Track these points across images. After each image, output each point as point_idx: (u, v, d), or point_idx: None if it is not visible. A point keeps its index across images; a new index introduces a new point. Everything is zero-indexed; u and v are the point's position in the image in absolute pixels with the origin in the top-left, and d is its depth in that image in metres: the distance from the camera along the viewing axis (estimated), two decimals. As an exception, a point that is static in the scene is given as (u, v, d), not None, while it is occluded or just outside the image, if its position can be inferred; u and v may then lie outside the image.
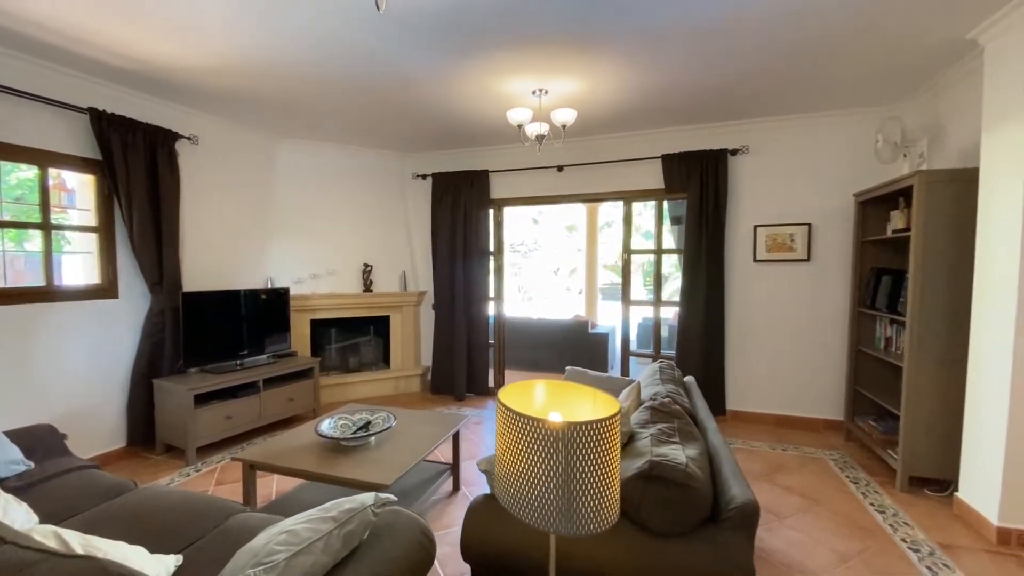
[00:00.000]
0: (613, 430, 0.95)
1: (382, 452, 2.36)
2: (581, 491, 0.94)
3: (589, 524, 0.95)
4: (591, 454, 0.94)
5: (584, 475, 0.94)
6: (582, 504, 0.94)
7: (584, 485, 0.94)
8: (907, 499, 2.77)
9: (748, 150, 3.96)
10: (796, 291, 3.92)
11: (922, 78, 3.08)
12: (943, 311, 2.71)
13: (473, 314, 4.78)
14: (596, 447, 0.94)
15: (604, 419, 0.94)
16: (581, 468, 0.94)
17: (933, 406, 2.75)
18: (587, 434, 0.94)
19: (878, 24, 2.42)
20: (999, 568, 2.16)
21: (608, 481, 0.95)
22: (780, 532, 2.46)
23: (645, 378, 2.59)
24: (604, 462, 0.95)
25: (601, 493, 0.95)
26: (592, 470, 0.94)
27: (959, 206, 2.62)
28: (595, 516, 0.95)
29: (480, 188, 4.70)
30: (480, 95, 3.36)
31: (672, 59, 2.81)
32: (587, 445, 0.94)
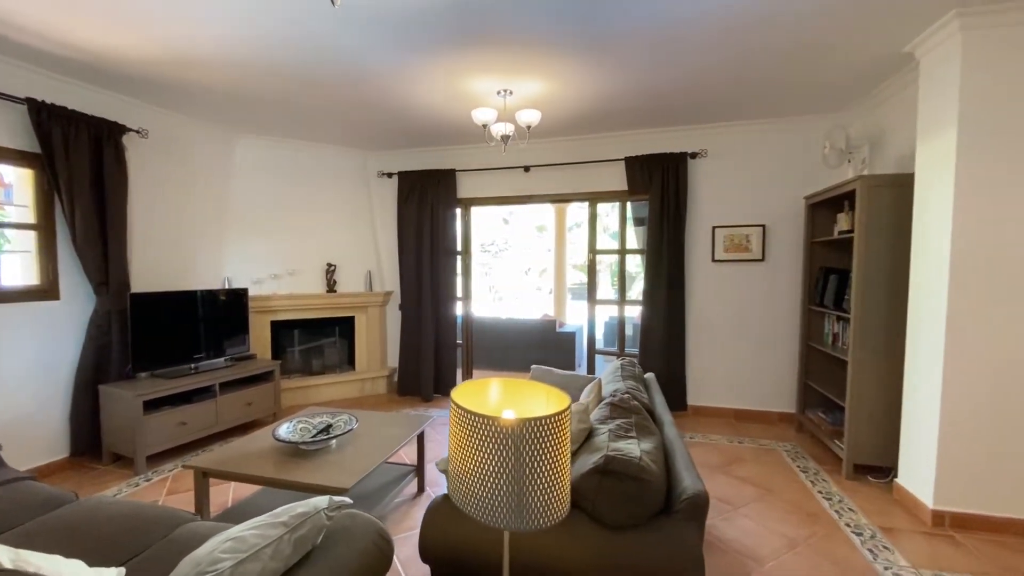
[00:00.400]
0: (563, 425, 0.97)
1: (343, 455, 2.32)
2: (532, 486, 0.95)
3: (540, 518, 0.96)
4: (542, 449, 0.96)
5: (536, 470, 0.95)
6: (533, 499, 0.95)
7: (535, 480, 0.95)
8: (852, 486, 2.93)
9: (707, 154, 4.09)
10: (752, 290, 4.08)
11: (865, 88, 3.26)
12: (883, 308, 2.88)
13: (441, 314, 4.75)
14: (547, 442, 0.96)
15: (554, 414, 0.95)
16: (533, 463, 0.95)
17: (875, 398, 2.92)
18: (539, 429, 0.95)
19: (822, 38, 2.54)
20: (933, 548, 2.31)
21: (559, 475, 0.97)
22: (735, 521, 2.55)
23: (607, 375, 2.64)
24: (555, 456, 0.97)
25: (552, 487, 0.97)
26: (543, 465, 0.96)
27: (897, 209, 2.79)
28: (546, 510, 0.97)
29: (447, 187, 4.68)
30: (445, 94, 3.34)
31: (632, 64, 2.88)
32: (539, 440, 0.95)
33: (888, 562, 2.20)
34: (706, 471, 3.17)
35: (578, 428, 1.75)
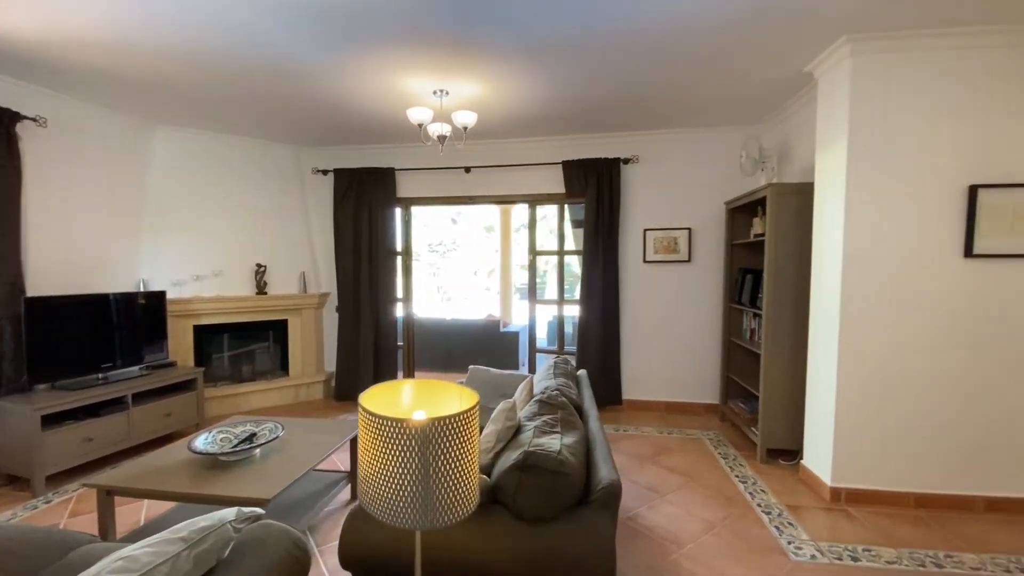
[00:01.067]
0: (471, 422, 1.00)
1: (267, 465, 2.23)
2: (441, 483, 0.97)
3: (450, 514, 0.98)
4: (451, 446, 0.98)
5: (445, 467, 0.98)
6: (442, 496, 0.97)
7: (445, 477, 0.97)
8: (765, 469, 3.18)
9: (638, 160, 4.28)
10: (680, 289, 4.32)
11: (776, 103, 3.55)
12: (790, 306, 3.14)
13: (381, 316, 4.66)
14: (455, 439, 0.98)
15: (461, 412, 0.98)
16: (442, 460, 0.97)
17: (784, 388, 3.19)
18: (447, 427, 0.97)
19: (734, 56, 2.74)
20: (831, 522, 2.56)
21: (467, 470, 1.00)
22: (660, 508, 2.70)
23: (540, 373, 2.71)
24: (463, 452, 0.99)
25: (460, 483, 0.99)
26: (452, 461, 0.98)
27: (801, 215, 3.06)
28: (455, 506, 0.99)
29: (386, 186, 4.60)
30: (379, 92, 3.29)
31: (565, 72, 2.97)
32: (447, 438, 0.97)
33: (792, 537, 2.41)
34: (636, 461, 3.32)
35: (505, 426, 1.79)
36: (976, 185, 2.48)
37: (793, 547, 2.32)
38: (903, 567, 2.17)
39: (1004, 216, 2.46)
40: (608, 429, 3.97)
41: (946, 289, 2.56)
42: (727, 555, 2.26)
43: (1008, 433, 2.57)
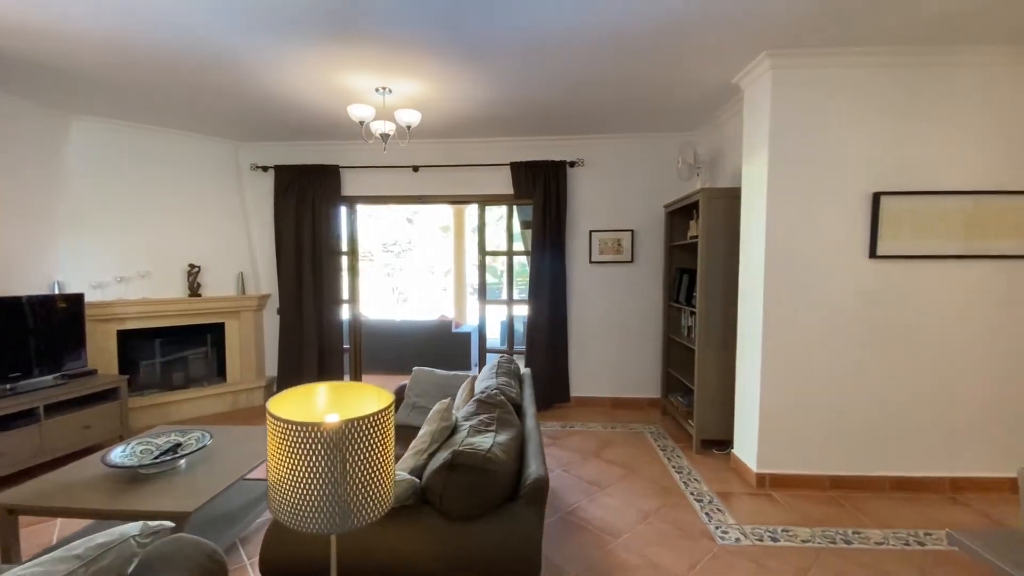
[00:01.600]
0: (385, 422, 1.00)
1: (192, 476, 2.12)
2: (355, 485, 0.97)
3: (365, 515, 0.98)
4: (365, 447, 0.98)
5: (359, 469, 0.97)
6: (357, 498, 0.97)
7: (359, 479, 0.97)
8: (700, 459, 3.35)
9: (584, 163, 4.39)
10: (624, 288, 4.47)
11: (709, 112, 3.74)
12: (721, 304, 3.33)
13: (325, 318, 4.52)
14: (370, 440, 0.98)
15: (375, 413, 0.98)
16: (356, 463, 0.97)
17: (716, 381, 3.37)
18: (361, 429, 0.97)
19: (665, 65, 2.87)
20: (756, 506, 2.73)
21: (382, 470, 1.00)
22: (600, 500, 2.79)
23: (484, 373, 2.73)
24: (378, 453, 0.99)
25: (375, 483, 0.99)
26: (367, 462, 0.98)
27: (730, 218, 3.24)
28: (371, 506, 0.99)
29: (331, 184, 4.47)
30: (320, 87, 3.20)
31: (509, 75, 3.00)
32: (362, 440, 0.97)
33: (719, 522, 2.55)
34: (581, 456, 3.41)
35: (440, 427, 1.80)
36: (879, 192, 2.72)
37: (720, 531, 2.45)
38: (816, 544, 2.35)
39: (903, 221, 2.72)
40: (555, 426, 4.05)
41: (854, 287, 2.79)
42: (659, 542, 2.36)
43: (911, 418, 2.84)
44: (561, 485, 2.99)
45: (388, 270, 14.94)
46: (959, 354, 2.79)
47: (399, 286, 15.07)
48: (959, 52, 2.62)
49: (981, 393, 2.81)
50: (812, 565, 2.19)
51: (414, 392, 2.91)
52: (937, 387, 2.81)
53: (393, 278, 14.99)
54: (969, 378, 2.80)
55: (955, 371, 2.80)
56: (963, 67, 2.66)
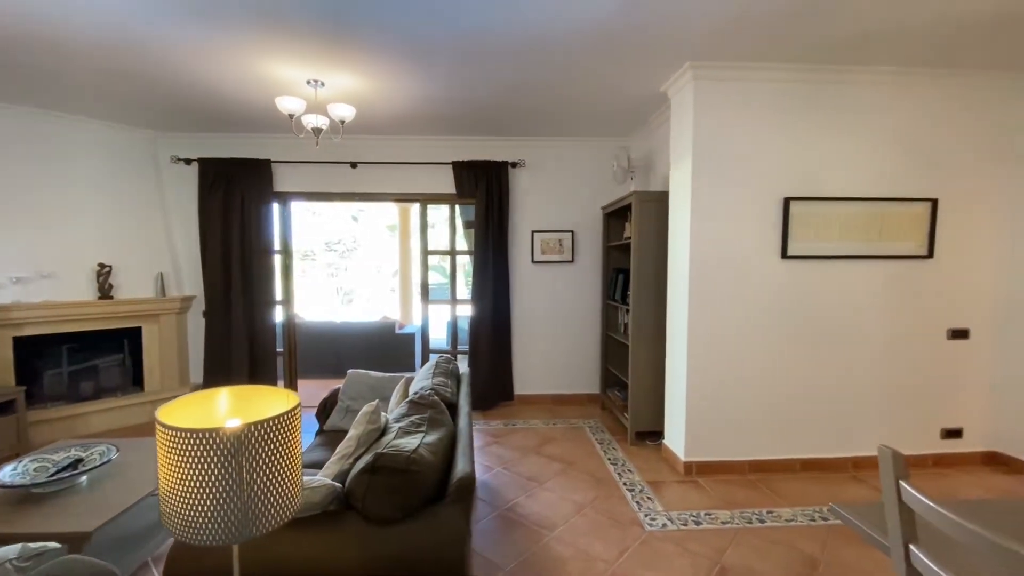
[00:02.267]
0: (291, 424, 0.97)
1: (95, 494, 1.96)
2: (258, 491, 0.93)
3: (266, 522, 0.95)
4: (268, 451, 0.94)
5: (262, 474, 0.94)
6: (260, 504, 0.94)
7: (262, 484, 0.94)
8: (634, 451, 3.49)
9: (525, 164, 4.45)
10: (565, 288, 4.58)
11: (641, 118, 3.90)
12: (652, 301, 3.48)
13: (256, 320, 4.30)
14: (273, 444, 0.95)
15: (278, 416, 0.95)
16: (258, 468, 0.93)
17: (649, 376, 3.52)
18: (264, 433, 0.94)
19: (596, 71, 2.96)
20: (683, 492, 2.88)
21: (287, 475, 0.97)
22: (537, 495, 2.84)
23: (421, 373, 2.70)
24: (282, 457, 0.96)
25: (280, 488, 0.96)
26: (270, 466, 0.95)
27: (660, 220, 3.40)
28: (274, 513, 0.96)
29: (262, 179, 4.25)
30: (248, 76, 3.04)
31: (440, 72, 2.98)
32: (264, 443, 0.94)
33: (649, 510, 2.67)
34: (521, 453, 3.45)
35: (368, 429, 1.76)
36: (789, 198, 2.95)
37: (648, 519, 2.57)
38: (735, 525, 2.52)
39: (809, 224, 2.97)
40: (499, 424, 4.08)
41: (768, 285, 3.01)
42: (592, 533, 2.44)
43: (817, 404, 3.10)
44: (500, 482, 3.01)
45: (332, 270, 14.39)
46: (858, 346, 3.09)
47: (344, 286, 14.56)
48: (854, 71, 2.90)
49: (876, 380, 3.12)
50: (730, 545, 2.34)
51: (348, 395, 2.84)
52: (839, 376, 3.10)
53: (337, 278, 14.46)
54: (866, 367, 3.10)
55: (854, 361, 3.09)
56: (857, 85, 2.94)
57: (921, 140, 3.01)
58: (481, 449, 3.54)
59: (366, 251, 14.74)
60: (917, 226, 3.02)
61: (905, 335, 3.10)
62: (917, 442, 3.17)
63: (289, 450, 0.97)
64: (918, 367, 3.12)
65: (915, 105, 2.99)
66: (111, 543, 2.08)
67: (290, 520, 1.37)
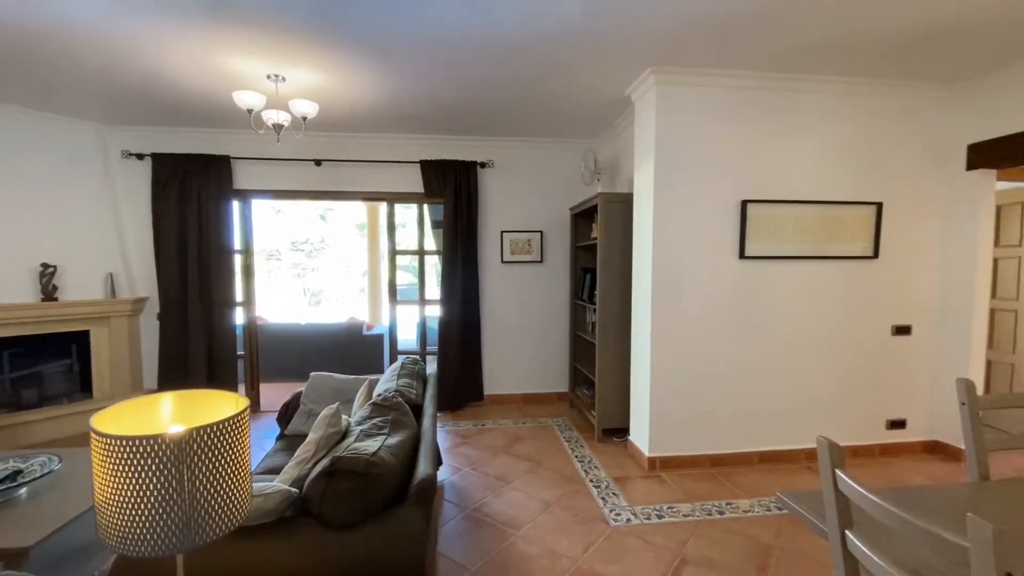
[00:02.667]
0: (239, 428, 0.95)
1: (35, 507, 1.85)
2: (202, 499, 0.90)
3: (212, 530, 0.92)
4: (212, 458, 0.92)
5: (206, 481, 0.91)
6: (203, 512, 0.91)
7: (206, 491, 0.91)
8: (601, 447, 3.54)
9: (494, 164, 4.45)
10: (534, 288, 4.61)
11: (608, 121, 3.96)
12: (618, 301, 3.55)
13: (215, 323, 4.14)
14: (218, 449, 0.92)
15: (222, 420, 0.92)
16: (202, 474, 0.90)
17: (615, 373, 3.58)
18: (209, 438, 0.91)
19: (562, 74, 3.00)
20: (647, 487, 2.94)
21: (234, 480, 0.95)
22: (505, 495, 2.85)
23: (386, 375, 2.67)
24: (228, 462, 0.94)
25: (225, 495, 0.93)
26: (215, 473, 0.92)
27: (625, 221, 3.47)
28: (220, 520, 0.93)
29: (220, 176, 4.10)
30: (205, 69, 2.93)
31: (407, 71, 2.95)
32: (210, 449, 0.91)
33: (614, 505, 2.72)
34: (490, 453, 3.45)
35: (327, 433, 1.73)
36: (746, 200, 3.06)
37: (613, 514, 2.62)
38: (695, 517, 2.59)
39: (765, 226, 3.08)
40: (468, 425, 4.07)
41: (727, 284, 3.11)
42: (558, 530, 2.47)
43: (773, 398, 3.22)
44: (468, 483, 3.01)
45: (299, 270, 14.00)
46: (811, 342, 3.23)
47: (312, 287, 14.19)
48: (806, 80, 3.03)
49: (827, 375, 3.27)
50: (690, 537, 2.41)
51: (311, 399, 2.77)
52: (794, 371, 3.23)
53: (305, 279, 14.08)
54: (818, 362, 3.25)
55: (807, 357, 3.23)
56: (809, 93, 3.08)
57: (866, 146, 3.17)
58: (450, 450, 3.52)
59: (335, 251, 14.41)
60: (864, 228, 3.18)
61: (853, 332, 3.26)
62: (865, 433, 3.34)
63: (236, 455, 0.95)
64: (865, 362, 3.29)
65: (861, 113, 3.15)
66: (52, 559, 1.96)
67: (243, 528, 1.34)
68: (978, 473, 1.52)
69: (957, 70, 2.96)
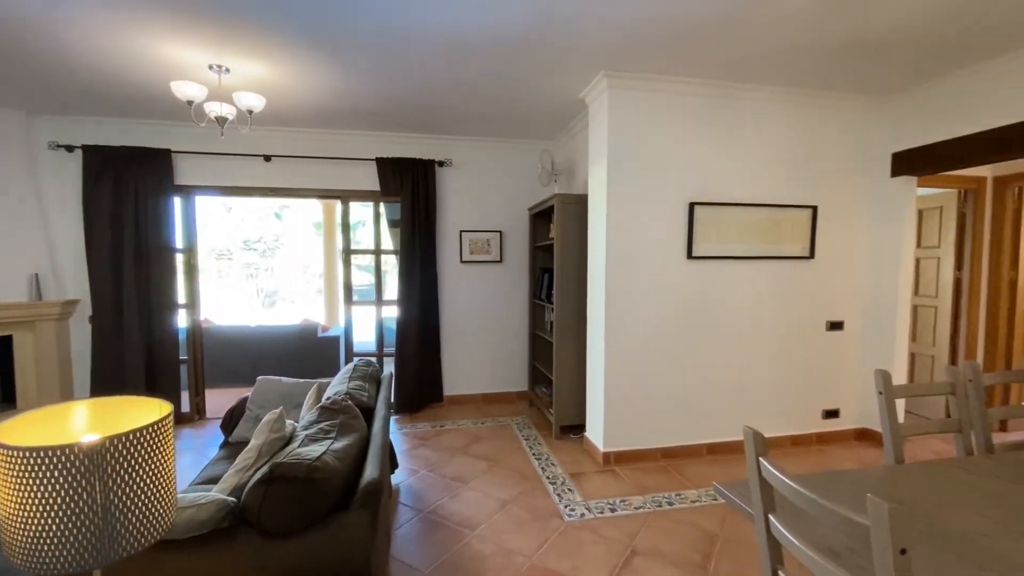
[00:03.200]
0: (162, 434, 0.90)
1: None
2: (119, 510, 0.86)
3: (131, 543, 0.87)
4: (131, 467, 0.87)
5: (123, 492, 0.86)
6: (120, 525, 0.86)
7: (122, 502, 0.86)
8: (558, 445, 3.59)
9: (452, 163, 4.43)
10: (494, 287, 4.62)
11: (564, 123, 4.02)
12: (574, 300, 3.61)
13: (156, 326, 3.91)
14: (136, 459, 0.88)
15: (140, 428, 0.88)
16: (118, 485, 0.86)
17: (572, 371, 3.64)
18: (128, 446, 0.86)
19: (517, 76, 3.02)
20: (601, 482, 3.01)
21: (156, 491, 0.90)
22: (462, 495, 2.84)
23: (337, 378, 2.61)
24: (149, 472, 0.89)
25: (145, 506, 0.89)
26: (133, 483, 0.87)
27: (581, 222, 3.53)
28: (141, 532, 0.88)
29: (161, 170, 3.87)
30: (141, 56, 2.75)
31: (358, 67, 2.89)
32: (126, 459, 0.86)
33: (569, 501, 2.76)
34: (448, 454, 3.43)
35: (270, 439, 1.67)
36: (694, 202, 3.18)
37: (568, 510, 2.66)
38: (646, 509, 2.67)
39: (711, 227, 3.22)
40: (426, 426, 4.03)
41: (676, 284, 3.23)
42: (513, 528, 2.48)
43: (719, 392, 3.37)
44: (425, 485, 2.98)
45: (252, 270, 13.42)
46: (754, 338, 3.39)
47: (266, 288, 13.63)
48: (748, 88, 3.18)
49: (769, 368, 3.45)
50: (641, 528, 2.49)
51: (257, 404, 2.67)
52: (739, 365, 3.39)
53: (258, 279, 13.51)
54: (761, 357, 3.42)
55: (751, 352, 3.40)
56: (751, 100, 3.23)
57: (803, 153, 3.37)
58: (407, 452, 3.48)
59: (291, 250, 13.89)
60: (801, 230, 3.37)
61: (793, 328, 3.46)
62: (803, 422, 3.55)
63: (157, 465, 0.90)
64: (803, 356, 3.50)
65: (797, 122, 3.34)
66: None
67: (176, 541, 1.28)
68: (894, 457, 1.64)
69: (883, 83, 3.19)
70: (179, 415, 4.08)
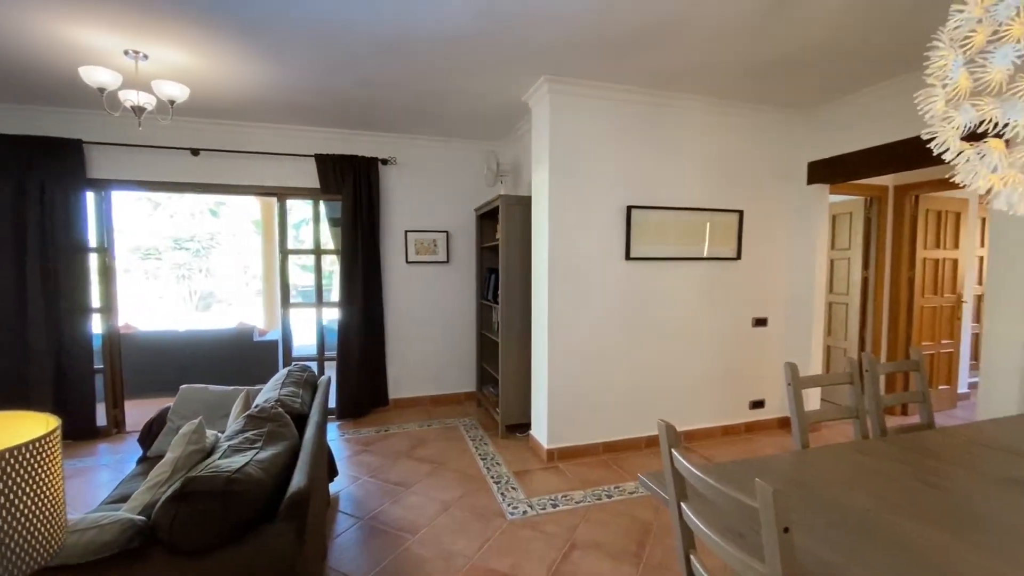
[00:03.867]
0: (46, 453, 0.83)
1: None
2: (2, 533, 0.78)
3: (16, 570, 0.80)
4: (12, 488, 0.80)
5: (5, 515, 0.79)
6: (4, 548, 0.79)
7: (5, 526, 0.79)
8: (504, 444, 3.62)
9: (396, 161, 4.35)
10: (440, 288, 4.58)
11: (509, 124, 4.06)
12: (519, 300, 3.65)
13: (64, 333, 3.57)
14: (19, 478, 0.80)
15: (25, 443, 0.81)
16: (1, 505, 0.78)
17: (517, 371, 3.68)
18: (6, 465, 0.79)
19: (458, 77, 3.02)
20: (545, 479, 3.06)
21: (40, 511, 0.83)
22: (403, 500, 2.80)
23: (268, 385, 2.49)
24: (35, 491, 0.82)
25: (29, 529, 0.82)
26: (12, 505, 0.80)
27: (525, 223, 3.58)
28: (24, 557, 0.81)
29: (71, 163, 3.54)
30: (46, 38, 2.51)
31: (291, 59, 2.78)
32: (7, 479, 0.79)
33: (512, 499, 2.79)
34: (391, 459, 3.37)
35: (188, 451, 1.58)
36: (631, 206, 3.30)
37: (511, 508, 2.69)
38: (586, 503, 2.75)
39: (647, 230, 3.35)
40: (370, 432, 3.94)
41: (615, 284, 3.34)
42: (455, 530, 2.48)
43: (657, 386, 3.52)
44: (366, 492, 2.91)
45: (183, 271, 12.56)
46: (687, 335, 3.57)
47: (200, 290, 12.78)
48: (682, 98, 3.35)
49: (701, 363, 3.64)
50: (581, 522, 2.55)
51: (179, 415, 2.50)
52: (673, 361, 3.55)
53: (191, 280, 12.65)
54: (694, 353, 3.61)
55: (685, 349, 3.58)
56: (685, 109, 3.40)
57: (730, 160, 3.58)
58: (349, 459, 3.38)
59: (228, 250, 13.10)
60: (730, 233, 3.59)
61: (723, 325, 3.67)
62: (733, 413, 3.78)
63: (42, 485, 0.83)
64: (732, 351, 3.72)
65: (725, 130, 3.55)
66: None
67: (76, 565, 1.18)
68: (800, 443, 1.79)
69: (801, 98, 3.45)
70: (95, 429, 3.75)
